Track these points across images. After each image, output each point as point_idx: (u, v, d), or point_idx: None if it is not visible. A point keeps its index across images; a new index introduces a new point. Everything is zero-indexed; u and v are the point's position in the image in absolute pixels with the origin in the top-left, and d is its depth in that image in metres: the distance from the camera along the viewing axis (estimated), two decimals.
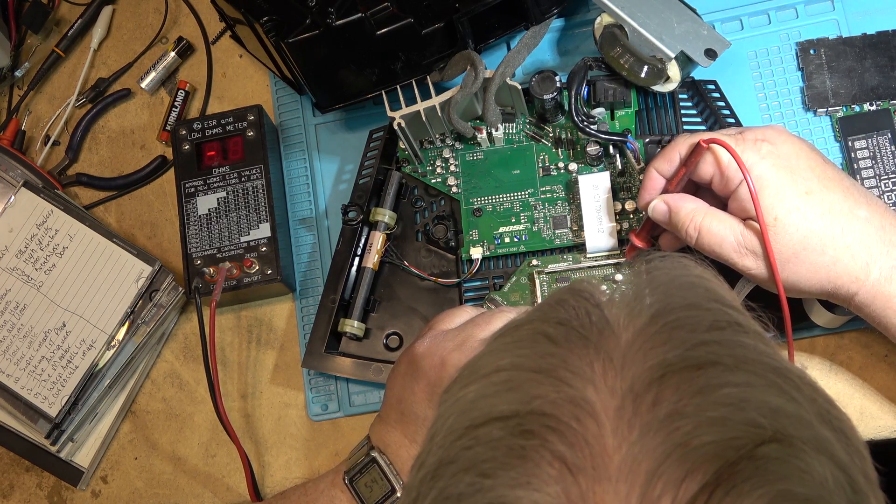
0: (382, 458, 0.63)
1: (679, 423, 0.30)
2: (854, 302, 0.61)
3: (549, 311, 0.37)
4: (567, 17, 0.81)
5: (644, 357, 0.33)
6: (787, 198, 0.60)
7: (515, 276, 0.75)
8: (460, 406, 0.34)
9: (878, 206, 0.61)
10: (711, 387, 0.31)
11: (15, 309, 0.79)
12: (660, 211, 0.65)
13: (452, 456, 0.32)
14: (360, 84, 0.75)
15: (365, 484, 0.63)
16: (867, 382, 0.71)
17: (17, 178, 0.83)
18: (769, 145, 0.61)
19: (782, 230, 0.60)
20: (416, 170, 0.78)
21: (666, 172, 0.66)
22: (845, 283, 0.60)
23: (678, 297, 0.36)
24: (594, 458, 0.30)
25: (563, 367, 0.33)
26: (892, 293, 0.60)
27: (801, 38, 0.76)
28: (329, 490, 0.65)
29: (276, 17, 0.71)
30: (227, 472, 0.78)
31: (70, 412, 0.77)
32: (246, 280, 0.76)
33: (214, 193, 0.79)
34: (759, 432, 0.30)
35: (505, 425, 0.32)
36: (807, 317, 0.69)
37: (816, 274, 0.60)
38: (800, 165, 0.61)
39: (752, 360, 0.33)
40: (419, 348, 0.64)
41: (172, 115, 0.85)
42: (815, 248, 0.60)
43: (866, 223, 0.60)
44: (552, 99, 0.73)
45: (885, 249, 0.60)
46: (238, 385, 0.80)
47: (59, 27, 0.92)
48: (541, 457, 0.31)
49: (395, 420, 0.64)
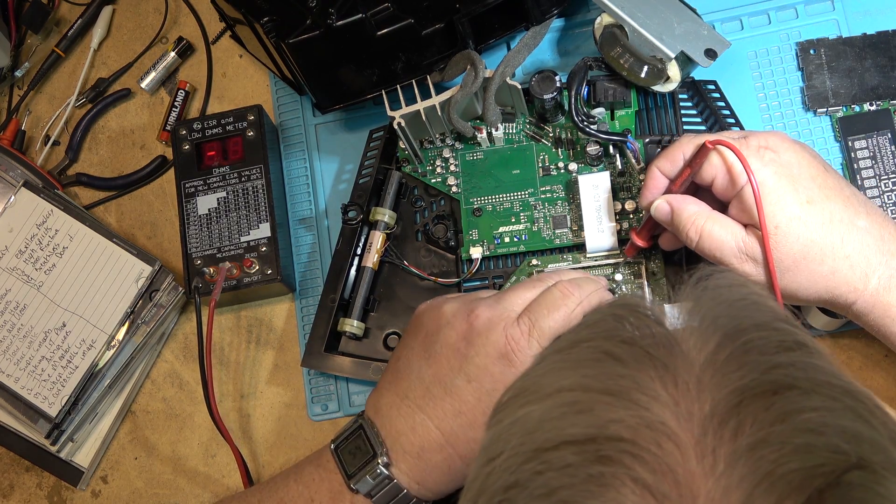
0: (368, 425, 0.63)
1: (764, 452, 0.30)
2: (852, 311, 0.61)
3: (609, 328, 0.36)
4: (567, 17, 0.81)
5: (720, 382, 0.32)
6: (789, 206, 0.60)
7: (515, 276, 0.75)
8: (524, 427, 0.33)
9: (877, 216, 0.61)
10: (791, 413, 0.31)
11: (15, 309, 0.79)
12: (662, 211, 0.65)
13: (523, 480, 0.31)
14: (360, 84, 0.75)
15: (349, 451, 0.63)
16: (867, 383, 0.71)
17: (17, 178, 0.83)
18: (772, 153, 0.61)
19: (783, 239, 0.60)
20: (416, 170, 0.78)
21: (668, 172, 0.66)
22: (843, 293, 0.60)
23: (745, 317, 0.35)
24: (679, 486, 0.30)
25: (636, 390, 0.32)
26: (890, 303, 0.60)
27: (801, 38, 0.76)
28: (316, 460, 0.66)
29: (276, 18, 0.71)
30: (228, 472, 0.78)
31: (70, 412, 0.77)
32: (246, 280, 0.76)
33: (214, 193, 0.79)
34: (843, 458, 0.30)
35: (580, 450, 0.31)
36: (804, 321, 0.69)
37: (815, 283, 0.60)
38: (802, 174, 0.60)
39: (825, 382, 0.33)
40: (422, 306, 0.65)
41: (172, 115, 0.85)
42: (814, 257, 0.60)
43: (865, 233, 0.60)
44: (552, 99, 0.73)
45: (883, 259, 0.60)
46: (238, 385, 0.80)
47: (59, 27, 0.92)
48: (623, 484, 0.30)
49: (389, 381, 0.64)
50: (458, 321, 0.62)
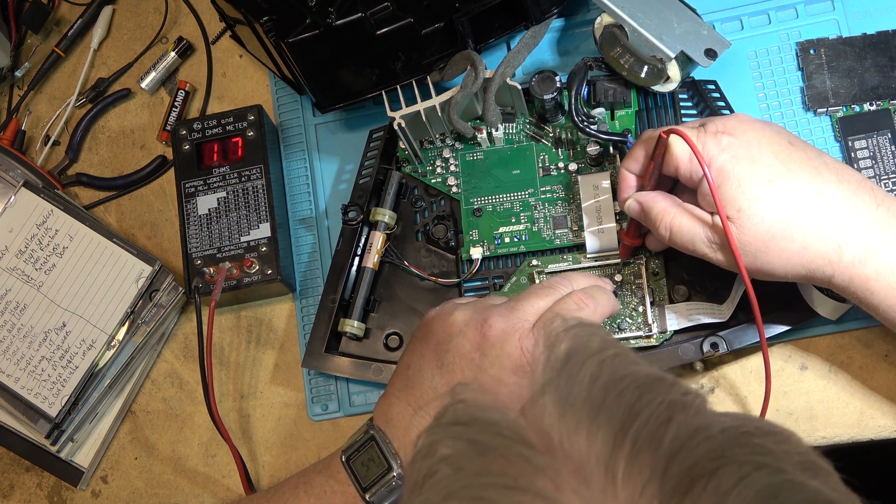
0: (380, 436, 0.62)
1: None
2: (833, 284, 0.61)
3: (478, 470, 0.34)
4: (567, 17, 0.81)
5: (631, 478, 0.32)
6: (749, 188, 0.59)
7: (515, 276, 0.75)
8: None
9: (850, 184, 0.60)
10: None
11: (15, 309, 0.79)
12: (634, 210, 0.66)
13: None
14: (360, 84, 0.75)
15: (362, 462, 0.62)
16: (867, 382, 0.71)
17: (17, 178, 0.83)
18: (729, 137, 0.60)
19: (747, 221, 0.59)
20: (416, 170, 0.78)
21: (635, 170, 0.66)
22: (819, 267, 0.60)
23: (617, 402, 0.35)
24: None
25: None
26: (867, 275, 0.59)
27: (801, 38, 0.76)
28: (325, 471, 0.65)
29: (276, 17, 0.71)
30: (228, 472, 0.78)
31: (70, 412, 0.77)
32: (246, 280, 0.76)
33: (214, 193, 0.79)
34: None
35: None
36: (811, 309, 0.68)
37: (789, 260, 0.60)
38: (762, 153, 0.60)
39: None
40: (431, 313, 0.64)
41: (172, 115, 0.85)
42: (783, 235, 0.59)
43: (836, 203, 0.59)
44: (552, 99, 0.73)
45: (856, 229, 0.59)
46: (238, 385, 0.80)
47: (59, 27, 0.92)
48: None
49: (399, 389, 0.63)
50: (471, 331, 0.61)
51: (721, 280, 0.70)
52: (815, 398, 0.71)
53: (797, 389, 0.71)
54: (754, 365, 0.72)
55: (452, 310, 0.63)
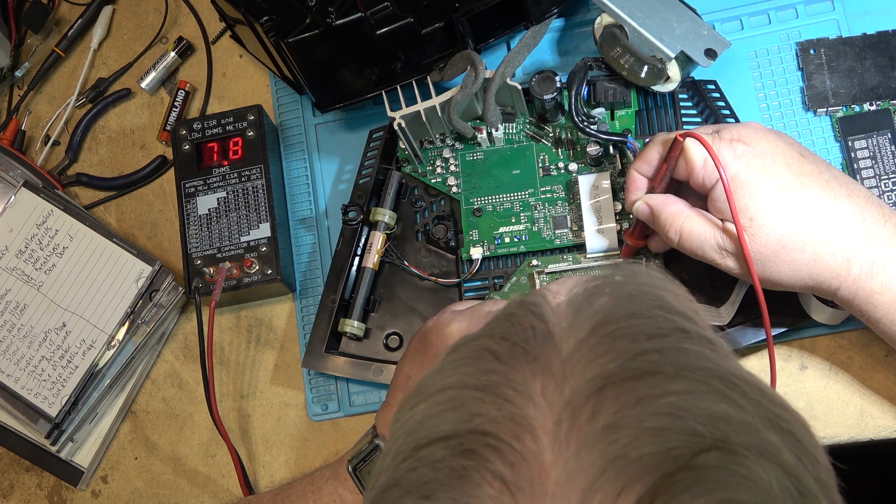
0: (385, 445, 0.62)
1: (616, 436, 0.30)
2: (838, 296, 0.61)
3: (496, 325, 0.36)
4: (567, 17, 0.81)
5: (583, 369, 0.32)
6: (762, 198, 0.60)
7: (515, 276, 0.75)
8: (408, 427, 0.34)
9: (859, 199, 0.61)
10: (650, 397, 0.31)
11: (15, 309, 0.79)
12: (643, 212, 0.66)
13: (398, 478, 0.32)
14: (360, 84, 0.75)
15: (369, 472, 0.63)
16: (867, 382, 0.71)
17: (17, 178, 0.83)
18: (744, 145, 0.61)
19: (758, 230, 0.60)
20: (416, 170, 0.78)
21: (646, 173, 0.66)
22: (827, 279, 0.60)
23: (621, 307, 0.35)
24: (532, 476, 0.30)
25: (505, 385, 0.33)
26: (873, 289, 0.59)
27: (801, 38, 0.76)
28: (333, 479, 0.65)
29: (276, 17, 0.71)
30: (227, 472, 0.78)
31: (70, 412, 0.77)
32: (246, 280, 0.76)
33: (214, 193, 0.79)
34: (697, 441, 0.29)
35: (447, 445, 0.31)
36: (808, 315, 0.69)
37: (798, 271, 0.60)
38: (775, 163, 0.60)
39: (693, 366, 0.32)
40: (429, 323, 0.64)
41: (172, 115, 0.85)
42: (793, 245, 0.59)
43: (846, 217, 0.60)
44: (552, 99, 0.73)
45: (865, 244, 0.59)
46: (238, 385, 0.80)
47: (59, 27, 0.92)
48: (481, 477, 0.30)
49: (399, 399, 0.63)
50: None
51: (721, 280, 0.70)
52: (815, 398, 0.71)
53: (797, 389, 0.71)
54: (753, 365, 0.72)
55: (449, 320, 0.63)
